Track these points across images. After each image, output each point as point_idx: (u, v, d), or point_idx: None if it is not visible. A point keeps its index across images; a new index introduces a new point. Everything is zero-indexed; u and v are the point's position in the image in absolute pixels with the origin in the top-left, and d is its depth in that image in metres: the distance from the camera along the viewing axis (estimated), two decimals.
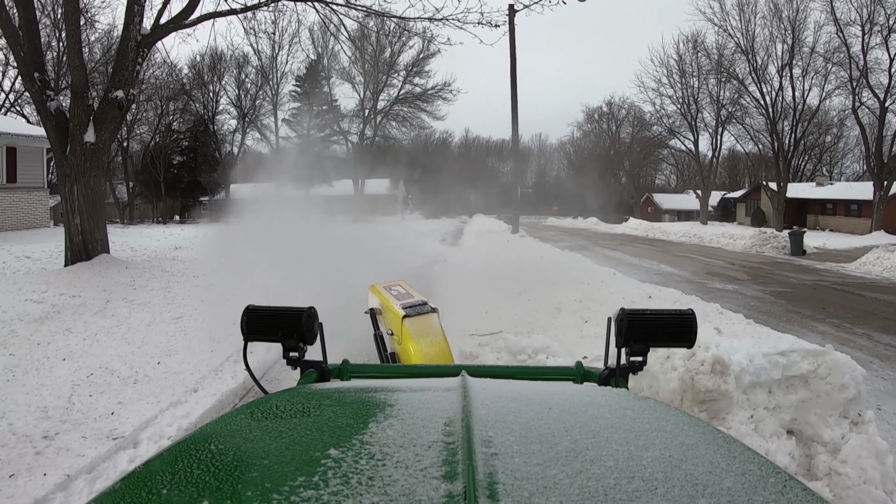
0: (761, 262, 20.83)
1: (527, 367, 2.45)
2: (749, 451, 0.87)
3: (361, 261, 9.65)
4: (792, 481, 0.78)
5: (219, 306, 8.01)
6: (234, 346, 6.65)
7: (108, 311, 8.19)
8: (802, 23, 37.86)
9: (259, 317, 1.68)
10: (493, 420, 0.92)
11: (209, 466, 0.81)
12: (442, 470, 0.73)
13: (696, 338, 1.54)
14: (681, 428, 0.96)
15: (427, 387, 1.24)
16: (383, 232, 20.30)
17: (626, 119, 69.81)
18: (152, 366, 6.31)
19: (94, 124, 10.08)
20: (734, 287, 13.96)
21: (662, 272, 16.77)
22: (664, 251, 25.54)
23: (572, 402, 1.13)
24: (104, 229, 10.91)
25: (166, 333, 7.40)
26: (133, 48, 10.12)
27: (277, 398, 1.14)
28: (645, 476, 0.74)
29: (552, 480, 0.72)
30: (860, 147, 55.59)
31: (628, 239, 35.05)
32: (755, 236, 28.16)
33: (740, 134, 46.96)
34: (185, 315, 8.21)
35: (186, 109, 52.61)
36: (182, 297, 9.06)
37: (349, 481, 0.71)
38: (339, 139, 55.81)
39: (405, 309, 3.90)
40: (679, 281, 14.74)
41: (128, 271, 10.21)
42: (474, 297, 9.36)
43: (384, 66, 50.39)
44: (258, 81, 53.11)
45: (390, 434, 0.86)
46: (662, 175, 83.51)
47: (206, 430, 0.99)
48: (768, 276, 16.59)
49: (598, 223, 55.48)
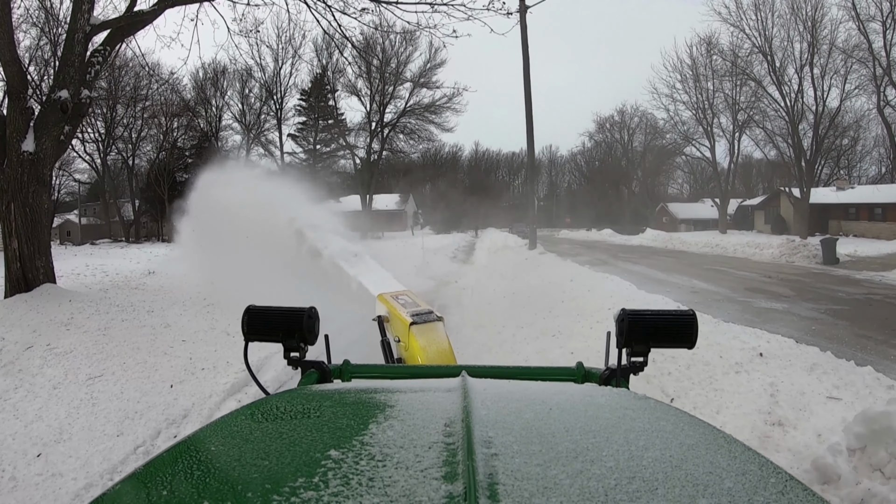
0: (797, 274, 19.38)
1: (527, 368, 2.21)
2: (750, 451, 0.87)
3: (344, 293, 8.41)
4: (792, 481, 0.77)
5: (158, 357, 6.78)
6: (150, 429, 5.19)
7: (19, 363, 6.66)
8: (820, 21, 36.62)
9: (260, 317, 1.66)
10: (494, 420, 0.92)
11: (210, 467, 0.82)
12: (442, 471, 0.74)
13: (696, 338, 1.56)
14: (681, 428, 0.96)
15: (427, 387, 1.24)
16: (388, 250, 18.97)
17: (638, 127, 68.60)
18: (28, 460, 4.65)
19: (35, 131, 8.45)
20: (783, 306, 12.51)
21: (697, 289, 15.31)
22: (690, 264, 24.10)
23: (573, 402, 1.14)
24: (48, 255, 9.30)
25: (71, 402, 5.70)
26: (80, 41, 8.56)
27: (278, 399, 1.16)
28: (645, 476, 0.74)
29: (552, 481, 0.72)
30: (878, 149, 54.59)
31: (648, 251, 33.71)
32: (783, 245, 26.89)
33: (758, 138, 45.64)
34: (106, 372, 6.50)
35: (191, 126, 52.04)
36: (115, 344, 7.43)
37: (349, 482, 0.71)
38: (345, 153, 54.77)
39: (412, 316, 4.02)
40: (719, 300, 13.31)
41: (70, 305, 8.63)
42: (492, 336, 8.02)
43: (391, 77, 49.32)
44: (262, 96, 52.32)
45: (391, 435, 0.86)
46: (676, 184, 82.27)
47: (207, 430, 0.98)
48: (812, 290, 15.13)
49: (613, 235, 54.63)
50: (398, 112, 51.46)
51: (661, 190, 77.48)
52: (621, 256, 28.96)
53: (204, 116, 52.12)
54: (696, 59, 46.84)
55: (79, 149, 48.94)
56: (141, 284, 11.68)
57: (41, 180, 8.77)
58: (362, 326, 6.69)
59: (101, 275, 12.44)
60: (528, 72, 22.38)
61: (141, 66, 37.64)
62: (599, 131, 74.49)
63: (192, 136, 53.27)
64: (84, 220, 60.56)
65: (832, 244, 23.28)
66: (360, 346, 4.84)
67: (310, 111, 53.20)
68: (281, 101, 52.67)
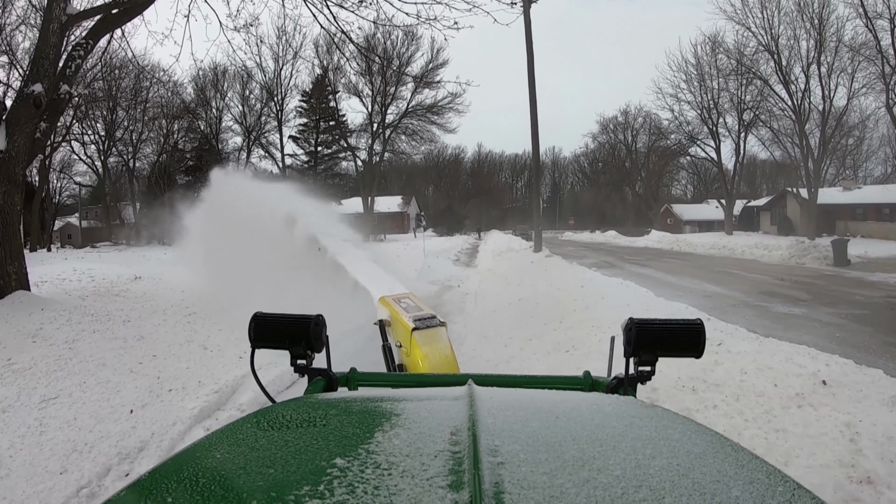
0: (810, 276, 18.87)
1: (534, 377, 2.04)
2: (757, 460, 0.86)
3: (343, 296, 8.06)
4: (800, 490, 0.76)
5: (123, 376, 6.12)
6: (98, 465, 4.35)
7: None
8: (827, 19, 36.13)
9: (266, 324, 1.64)
10: (500, 429, 0.91)
11: (215, 475, 0.82)
12: (448, 479, 0.73)
13: (704, 348, 1.53)
14: (688, 436, 0.95)
15: (434, 396, 1.23)
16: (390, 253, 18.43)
17: (642, 128, 68.13)
18: None
19: (7, 127, 7.96)
20: (801, 311, 11.98)
21: (710, 293, 14.78)
22: (699, 266, 23.59)
23: (579, 410, 1.12)
24: (20, 260, 8.69)
25: (17, 430, 4.73)
26: (56, 31, 8.05)
27: (284, 407, 1.14)
28: (652, 485, 0.74)
29: (559, 490, 0.71)
30: (884, 149, 54.03)
31: (654, 253, 33.24)
32: (792, 246, 26.48)
33: (764, 138, 45.14)
34: (63, 393, 5.59)
35: (191, 128, 51.67)
36: (79, 360, 6.58)
37: (355, 490, 0.71)
38: (347, 155, 54.28)
39: (415, 321, 3.95)
40: (735, 304, 12.78)
41: (42, 315, 7.91)
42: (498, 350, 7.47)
43: (392, 77, 48.88)
44: (262, 97, 51.91)
45: (396, 443, 0.86)
46: (679, 185, 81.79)
47: (213, 438, 0.97)
48: (828, 293, 14.61)
49: (618, 236, 54.35)
50: (400, 113, 51.05)
51: (665, 191, 77.01)
52: (628, 259, 28.46)
53: (204, 118, 51.77)
54: (701, 58, 46.37)
55: (79, 151, 48.66)
56: (124, 291, 11.00)
57: (13, 180, 8.17)
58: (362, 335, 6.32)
59: (87, 280, 11.84)
60: (532, 66, 21.83)
61: (140, 68, 37.25)
62: (603, 132, 74.09)
63: (192, 138, 52.91)
64: (85, 224, 60.22)
65: (843, 246, 22.91)
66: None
67: (311, 112, 52.78)
68: (282, 102, 52.35)
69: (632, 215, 73.83)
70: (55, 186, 54.42)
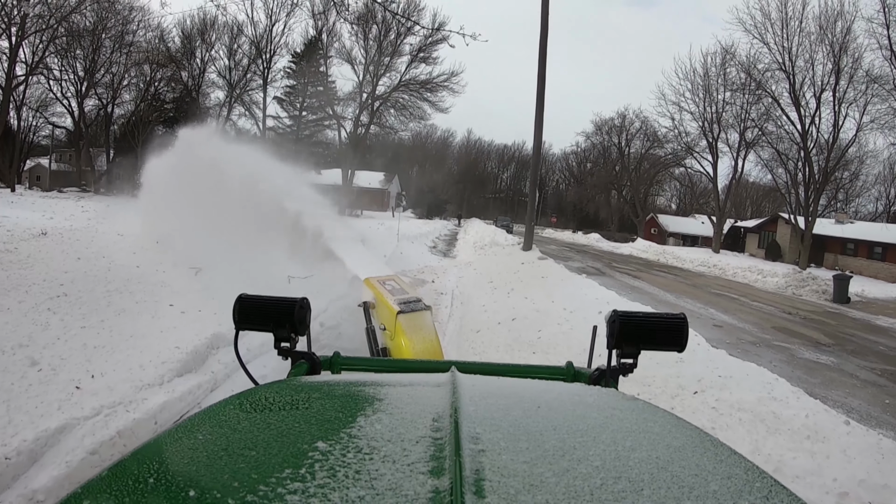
0: (815, 312, 17.41)
1: (517, 365, 1.98)
2: (736, 455, 0.85)
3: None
4: (777, 486, 0.76)
5: None
6: None
7: None
8: (846, 46, 34.64)
9: (251, 306, 1.59)
10: (482, 417, 0.90)
11: (196, 456, 0.80)
12: (429, 465, 0.73)
13: (686, 342, 1.50)
14: (668, 430, 0.95)
15: (417, 382, 1.22)
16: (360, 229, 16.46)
17: (638, 134, 66.53)
18: None
19: None
20: (830, 360, 10.27)
21: (720, 322, 13.06)
22: (694, 285, 22.04)
23: (561, 400, 1.11)
24: None
25: None
26: None
27: (266, 390, 1.12)
28: (631, 476, 0.74)
29: (539, 478, 0.71)
30: (878, 187, 53.22)
31: (642, 263, 31.81)
32: (788, 275, 25.15)
33: (765, 159, 43.80)
34: None
35: (174, 78, 48.78)
36: None
37: (336, 474, 0.70)
38: (332, 124, 51.67)
39: (400, 305, 3.93)
40: (754, 342, 11.04)
41: None
42: None
43: (388, 48, 46.46)
44: (251, 53, 49.13)
45: (378, 428, 0.85)
46: (664, 196, 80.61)
47: (195, 420, 0.95)
48: (847, 338, 13.03)
49: (601, 240, 53.29)
50: (392, 86, 48.61)
51: (652, 200, 75.74)
52: (616, 267, 26.90)
53: (188, 69, 48.85)
54: (710, 69, 44.71)
55: (56, 91, 45.58)
56: (12, 249, 8.57)
57: None
58: None
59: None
60: (544, 56, 19.89)
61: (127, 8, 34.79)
62: (597, 133, 72.37)
63: (174, 88, 49.95)
64: (57, 167, 57.01)
65: (846, 283, 21.66)
66: None
67: (299, 75, 49.97)
68: (269, 60, 49.51)
69: (616, 220, 72.61)
70: (30, 124, 51.12)
